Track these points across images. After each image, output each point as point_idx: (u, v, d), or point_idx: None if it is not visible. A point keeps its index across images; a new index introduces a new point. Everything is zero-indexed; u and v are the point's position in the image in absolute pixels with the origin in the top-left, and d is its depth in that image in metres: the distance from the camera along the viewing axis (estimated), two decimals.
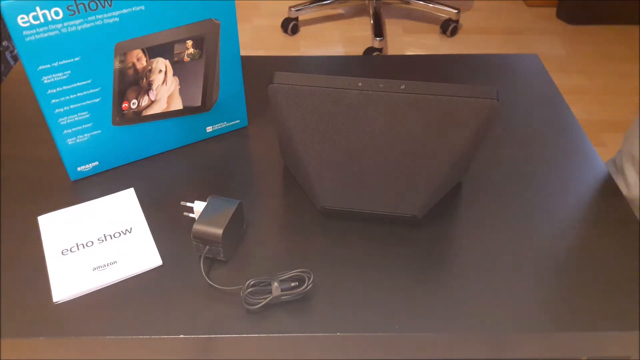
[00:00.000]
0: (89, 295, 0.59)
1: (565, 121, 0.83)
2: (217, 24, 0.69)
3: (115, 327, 0.56)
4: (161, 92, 0.71)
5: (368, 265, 0.62)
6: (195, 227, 0.60)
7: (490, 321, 0.57)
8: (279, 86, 0.60)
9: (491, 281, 0.61)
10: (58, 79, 0.64)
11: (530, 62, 0.95)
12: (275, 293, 0.56)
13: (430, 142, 0.60)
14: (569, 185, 0.72)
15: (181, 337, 0.55)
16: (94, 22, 0.62)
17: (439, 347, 0.58)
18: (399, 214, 0.64)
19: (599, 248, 0.64)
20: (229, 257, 0.62)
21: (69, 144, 0.69)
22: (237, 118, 0.80)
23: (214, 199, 0.63)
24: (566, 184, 0.72)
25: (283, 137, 0.66)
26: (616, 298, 0.59)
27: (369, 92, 0.58)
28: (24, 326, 0.56)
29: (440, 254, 0.63)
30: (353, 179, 0.64)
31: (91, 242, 0.63)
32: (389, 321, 0.57)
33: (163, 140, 0.76)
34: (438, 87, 0.59)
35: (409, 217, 0.64)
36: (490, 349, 0.58)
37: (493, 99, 0.58)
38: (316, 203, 0.66)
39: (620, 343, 0.58)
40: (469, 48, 2.18)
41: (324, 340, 0.56)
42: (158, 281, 0.60)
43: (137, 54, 0.67)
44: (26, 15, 0.58)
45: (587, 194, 0.70)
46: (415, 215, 0.63)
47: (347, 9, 2.44)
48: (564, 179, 0.72)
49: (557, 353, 0.58)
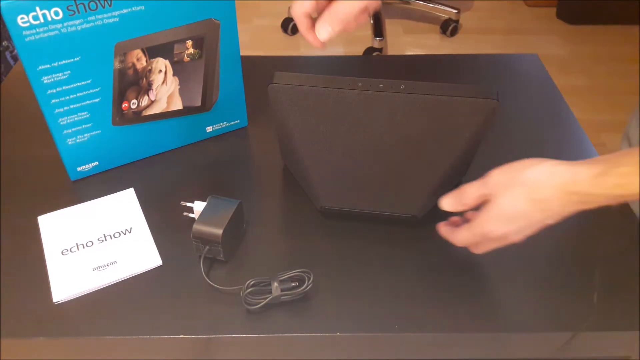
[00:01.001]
0: (89, 295, 0.59)
1: (565, 121, 0.83)
2: (217, 24, 0.69)
3: (115, 327, 0.56)
4: (161, 92, 0.71)
5: (368, 265, 0.62)
6: (195, 227, 0.60)
7: (490, 321, 0.57)
8: (279, 86, 0.60)
9: (491, 281, 0.61)
10: (58, 79, 0.63)
11: (530, 62, 0.95)
12: (275, 293, 0.56)
13: (430, 142, 0.60)
14: None
15: (181, 337, 0.55)
16: (94, 22, 0.62)
17: (439, 347, 0.58)
18: (399, 214, 0.64)
19: (599, 248, 0.64)
20: (229, 257, 0.62)
21: (69, 144, 0.69)
22: (237, 118, 0.80)
23: (214, 199, 0.63)
24: None
25: (283, 137, 0.66)
26: (616, 298, 0.59)
27: (368, 92, 0.58)
28: (24, 326, 0.56)
29: (440, 254, 0.63)
30: (353, 179, 0.63)
31: (91, 242, 0.63)
32: (389, 321, 0.57)
33: (163, 140, 0.76)
34: (438, 87, 0.59)
35: (408, 217, 0.64)
36: (490, 349, 0.58)
37: (493, 98, 0.58)
38: (316, 203, 0.66)
39: (620, 343, 0.58)
40: (469, 48, 2.18)
41: (324, 340, 0.56)
42: (158, 281, 0.60)
43: (137, 54, 0.67)
44: (26, 15, 0.58)
45: None
46: (414, 215, 0.63)
47: None
48: None
49: (557, 353, 0.58)
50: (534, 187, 0.48)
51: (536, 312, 0.58)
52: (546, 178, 0.47)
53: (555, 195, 0.47)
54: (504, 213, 0.50)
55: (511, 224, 0.50)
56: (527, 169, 0.49)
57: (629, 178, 0.44)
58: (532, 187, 0.48)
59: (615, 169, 0.45)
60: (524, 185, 0.48)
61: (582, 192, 0.46)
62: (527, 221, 0.50)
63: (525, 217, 0.49)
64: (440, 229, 0.58)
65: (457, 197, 0.54)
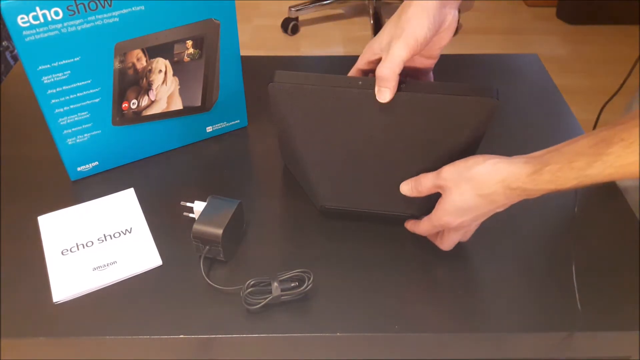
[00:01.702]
0: (89, 295, 0.59)
1: (565, 121, 0.83)
2: (217, 24, 0.69)
3: (115, 327, 0.56)
4: (161, 92, 0.71)
5: (368, 265, 0.62)
6: (195, 227, 0.59)
7: (490, 321, 0.57)
8: (279, 85, 0.60)
9: (491, 281, 0.61)
10: (58, 79, 0.63)
11: (530, 62, 0.95)
12: (275, 293, 0.56)
13: (430, 141, 0.60)
14: None
15: (181, 337, 0.55)
16: (94, 22, 0.62)
17: (439, 347, 0.58)
18: (399, 213, 0.64)
19: (599, 248, 0.64)
20: (229, 257, 0.62)
21: (69, 144, 0.69)
22: (237, 118, 0.80)
23: (214, 199, 0.63)
24: None
25: (283, 136, 0.66)
26: (616, 298, 0.59)
27: (369, 90, 0.58)
28: (24, 326, 0.56)
29: (440, 254, 0.63)
30: (353, 178, 0.63)
31: (91, 242, 0.63)
32: (389, 321, 0.57)
33: (163, 140, 0.76)
34: (438, 85, 0.59)
35: (408, 216, 0.64)
36: (490, 349, 0.58)
37: (493, 97, 0.58)
38: (316, 203, 0.66)
39: (620, 343, 0.58)
40: (469, 48, 2.18)
41: (324, 340, 0.56)
42: (158, 281, 0.60)
43: (137, 54, 0.67)
44: (26, 15, 0.58)
45: (587, 194, 0.70)
46: (414, 214, 0.63)
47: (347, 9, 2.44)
48: None
49: (557, 353, 0.58)
50: (479, 184, 0.53)
51: (536, 312, 0.58)
52: (489, 175, 0.52)
53: (498, 190, 0.52)
54: (456, 206, 0.55)
55: (464, 215, 0.56)
56: (473, 168, 0.54)
57: (559, 174, 0.48)
58: (478, 184, 0.53)
59: (546, 167, 0.49)
60: (470, 182, 0.53)
61: (521, 187, 0.51)
62: (479, 212, 0.55)
63: (476, 209, 0.55)
64: (407, 224, 0.64)
65: (414, 184, 0.60)
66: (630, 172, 0.46)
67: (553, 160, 0.49)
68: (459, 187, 0.54)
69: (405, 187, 0.61)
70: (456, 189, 0.54)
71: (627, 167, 0.45)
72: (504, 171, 0.52)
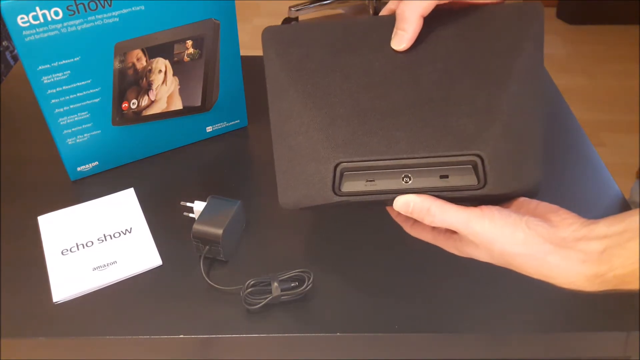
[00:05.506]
0: (89, 295, 0.59)
1: (565, 121, 0.83)
2: (217, 24, 0.69)
3: (115, 327, 0.56)
4: (161, 92, 0.71)
5: (368, 265, 0.62)
6: (195, 227, 0.60)
7: (490, 321, 0.57)
8: (276, 27, 0.52)
9: (491, 281, 0.61)
10: (58, 79, 0.64)
11: None
12: (275, 293, 0.56)
13: (475, 57, 0.48)
14: (569, 185, 0.72)
15: (181, 337, 0.55)
16: (94, 22, 0.62)
17: (439, 347, 0.58)
18: (456, 154, 0.46)
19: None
20: (229, 257, 0.62)
21: (69, 144, 0.69)
22: (237, 118, 0.80)
23: (214, 199, 0.63)
24: (566, 183, 0.72)
25: (277, 97, 0.52)
26: (616, 298, 0.59)
27: (384, 17, 0.49)
28: (24, 326, 0.56)
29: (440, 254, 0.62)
30: (379, 118, 0.48)
31: (91, 242, 0.63)
32: (389, 321, 0.57)
33: (163, 140, 0.76)
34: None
35: (472, 158, 0.46)
36: (490, 349, 0.58)
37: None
38: (328, 163, 0.48)
39: (620, 343, 0.58)
40: None
41: (324, 340, 0.56)
42: (158, 281, 0.60)
43: (137, 54, 0.67)
44: (26, 15, 0.58)
45: (587, 194, 0.70)
46: (479, 154, 0.46)
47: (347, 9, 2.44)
48: (563, 179, 0.72)
49: (557, 353, 0.58)
50: (525, 271, 0.45)
51: (536, 312, 0.58)
52: (537, 273, 0.45)
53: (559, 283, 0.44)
54: (489, 258, 0.46)
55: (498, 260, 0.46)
56: (517, 259, 0.44)
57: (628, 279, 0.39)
58: (524, 270, 0.45)
59: (610, 272, 0.40)
60: (516, 268, 0.45)
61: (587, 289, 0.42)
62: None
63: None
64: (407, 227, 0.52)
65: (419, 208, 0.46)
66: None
67: (618, 263, 0.39)
68: (493, 258, 0.45)
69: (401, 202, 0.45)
70: (492, 259, 0.45)
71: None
72: (560, 276, 0.43)
